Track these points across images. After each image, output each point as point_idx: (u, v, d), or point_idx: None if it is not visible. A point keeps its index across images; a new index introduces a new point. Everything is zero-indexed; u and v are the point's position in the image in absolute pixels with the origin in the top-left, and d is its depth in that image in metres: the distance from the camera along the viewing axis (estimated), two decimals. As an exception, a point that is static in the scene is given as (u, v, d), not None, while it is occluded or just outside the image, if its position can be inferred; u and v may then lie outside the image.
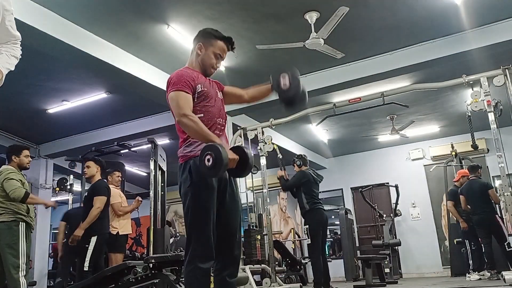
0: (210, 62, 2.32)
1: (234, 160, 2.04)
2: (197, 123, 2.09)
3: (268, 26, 5.15)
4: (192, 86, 2.19)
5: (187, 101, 2.16)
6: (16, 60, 1.82)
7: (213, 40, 2.32)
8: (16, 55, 1.82)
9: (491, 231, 6.10)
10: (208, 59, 2.31)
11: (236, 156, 2.05)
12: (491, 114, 4.60)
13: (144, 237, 10.78)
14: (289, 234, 10.64)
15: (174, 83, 2.19)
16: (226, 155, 1.96)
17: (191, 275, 2.04)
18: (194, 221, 2.09)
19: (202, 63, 2.32)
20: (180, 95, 2.15)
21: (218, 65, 2.35)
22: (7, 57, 1.78)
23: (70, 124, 7.74)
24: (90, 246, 4.51)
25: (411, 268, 9.49)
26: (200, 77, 2.28)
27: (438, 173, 9.17)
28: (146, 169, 9.20)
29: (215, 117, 2.25)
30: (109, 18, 4.82)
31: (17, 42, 1.84)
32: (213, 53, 2.31)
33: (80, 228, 4.55)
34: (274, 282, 5.49)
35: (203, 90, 2.22)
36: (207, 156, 1.98)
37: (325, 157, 10.88)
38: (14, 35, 1.81)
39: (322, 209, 5.40)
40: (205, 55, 2.31)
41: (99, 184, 4.86)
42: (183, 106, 2.13)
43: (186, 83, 2.18)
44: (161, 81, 5.95)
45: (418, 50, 5.80)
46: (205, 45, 2.32)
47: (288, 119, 6.04)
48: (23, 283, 3.70)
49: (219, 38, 2.32)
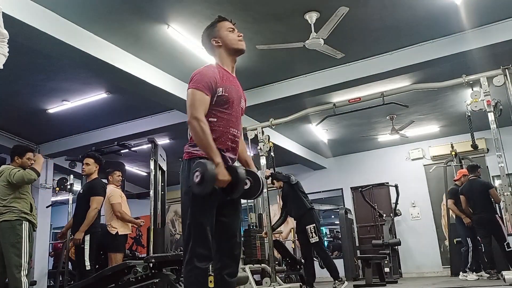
0: (231, 38, 2.27)
1: (224, 182, 2.02)
2: (205, 132, 2.04)
3: (268, 26, 5.16)
4: (213, 88, 2.13)
5: (203, 103, 2.10)
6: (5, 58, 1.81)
7: (213, 28, 2.31)
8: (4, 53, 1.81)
9: (491, 230, 6.10)
10: (229, 38, 2.27)
11: (227, 178, 2.02)
12: (491, 114, 4.61)
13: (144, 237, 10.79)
14: (289, 234, 10.64)
15: (196, 80, 2.14)
16: (213, 176, 1.96)
17: (190, 274, 2.04)
18: (194, 220, 2.08)
19: (227, 47, 2.27)
20: (198, 95, 2.10)
21: (240, 36, 2.30)
22: None
23: (70, 124, 7.75)
24: (86, 246, 4.54)
25: (411, 268, 9.50)
26: (226, 79, 2.21)
27: (438, 173, 9.18)
28: (146, 169, 9.21)
29: (229, 125, 2.19)
30: (109, 18, 4.82)
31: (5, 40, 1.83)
32: (226, 31, 2.28)
33: (80, 231, 4.56)
34: (274, 282, 5.50)
35: (224, 95, 2.16)
36: (197, 172, 1.98)
37: (325, 157, 10.89)
38: (2, 33, 1.80)
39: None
40: (224, 39, 2.27)
41: (96, 183, 4.86)
42: (198, 108, 2.07)
43: (207, 84, 2.12)
44: (161, 81, 5.95)
45: (418, 50, 5.80)
46: (215, 34, 2.29)
47: (288, 119, 6.04)
48: (24, 282, 3.70)
49: (218, 21, 2.32)
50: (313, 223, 5.40)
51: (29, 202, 3.99)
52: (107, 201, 5.48)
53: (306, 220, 5.51)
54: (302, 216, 5.59)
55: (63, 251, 7.02)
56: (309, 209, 5.45)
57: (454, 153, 8.32)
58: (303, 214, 5.57)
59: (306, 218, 5.52)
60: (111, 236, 5.33)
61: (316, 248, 5.59)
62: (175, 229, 12.02)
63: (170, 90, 6.07)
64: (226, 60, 2.29)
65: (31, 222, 3.97)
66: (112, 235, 5.32)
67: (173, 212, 12.06)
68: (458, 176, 6.79)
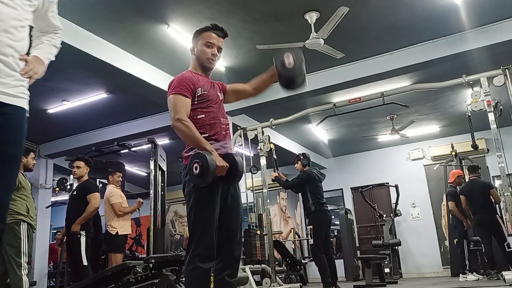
0: (204, 54, 2.31)
1: (223, 168, 2.04)
2: (190, 129, 2.11)
3: (268, 26, 5.15)
4: (192, 90, 2.21)
5: (184, 105, 2.17)
6: (56, 50, 1.84)
7: (199, 35, 2.35)
8: (56, 45, 1.84)
9: (491, 231, 6.10)
10: (201, 53, 2.32)
11: (226, 164, 2.05)
12: (491, 114, 4.60)
13: (144, 237, 10.79)
14: (289, 234, 10.64)
15: (174, 86, 2.21)
16: (213, 163, 1.97)
17: (192, 274, 2.05)
18: (197, 221, 2.09)
19: (199, 60, 2.34)
20: (178, 98, 2.17)
21: (213, 54, 2.31)
22: (48, 47, 1.80)
23: (70, 124, 7.74)
24: (82, 239, 4.57)
25: (411, 268, 9.49)
26: (202, 80, 2.29)
27: (438, 173, 9.18)
28: (146, 169, 9.20)
29: (218, 116, 2.26)
30: (109, 18, 4.82)
31: (58, 32, 1.85)
32: (203, 45, 2.31)
33: (76, 224, 4.57)
34: (274, 282, 5.49)
35: (204, 94, 2.24)
36: (195, 164, 2.01)
37: (325, 157, 10.89)
38: (55, 26, 1.83)
39: (326, 210, 5.45)
40: (198, 52, 2.33)
41: (88, 183, 4.88)
42: (179, 110, 2.15)
43: (185, 87, 2.19)
44: (161, 81, 5.95)
45: (418, 50, 5.80)
46: (195, 44, 2.35)
47: (288, 119, 6.04)
48: (25, 281, 3.71)
49: (203, 30, 2.35)
50: (311, 225, 5.38)
51: (25, 204, 3.98)
52: (107, 202, 5.48)
53: (308, 221, 5.53)
54: (307, 217, 5.63)
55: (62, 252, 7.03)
56: (313, 211, 5.39)
57: (454, 153, 8.32)
58: (307, 215, 5.60)
59: (309, 218, 5.53)
60: (111, 237, 5.33)
61: (311, 250, 5.61)
62: (175, 229, 12.02)
63: (170, 90, 6.07)
64: (198, 70, 2.35)
65: (29, 224, 3.97)
66: (112, 235, 5.32)
67: (173, 212, 12.06)
68: (453, 177, 6.74)
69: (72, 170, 5.01)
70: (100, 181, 6.57)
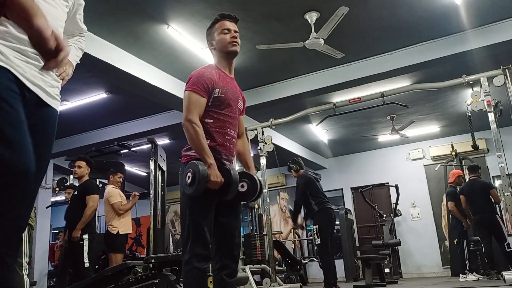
0: (224, 40, 2.27)
1: (216, 183, 2.03)
2: (198, 134, 2.07)
3: (268, 26, 5.15)
4: (209, 89, 2.16)
5: (198, 105, 2.13)
6: (82, 52, 1.84)
7: (212, 28, 2.35)
8: (82, 48, 1.84)
9: (491, 231, 6.10)
10: (221, 41, 2.28)
11: (220, 179, 2.04)
12: (491, 114, 4.60)
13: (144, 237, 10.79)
14: (289, 234, 10.64)
15: (193, 82, 2.17)
16: (204, 177, 1.98)
17: (189, 275, 2.05)
18: (192, 221, 2.09)
19: (221, 50, 2.29)
20: (193, 97, 2.14)
21: (233, 38, 2.27)
22: (75, 49, 1.80)
23: (70, 124, 7.73)
24: (85, 243, 4.56)
25: (411, 268, 9.49)
26: (224, 79, 2.24)
27: (438, 173, 9.18)
28: (146, 169, 9.21)
29: (226, 126, 2.20)
30: (109, 18, 4.82)
31: (83, 35, 1.86)
32: (220, 34, 2.29)
33: (76, 230, 4.56)
34: (274, 282, 5.49)
35: (220, 96, 2.18)
36: (188, 173, 2.01)
37: (325, 157, 10.88)
38: (82, 28, 1.84)
39: (330, 208, 5.39)
40: (217, 42, 2.30)
41: (89, 183, 4.87)
42: (192, 110, 2.11)
43: (203, 85, 2.15)
44: (161, 81, 5.95)
45: (418, 50, 5.80)
46: (211, 37, 2.33)
47: (288, 119, 6.04)
48: (26, 281, 3.71)
49: (214, 23, 2.34)
50: (317, 224, 5.36)
51: None
52: (107, 202, 5.48)
53: (313, 221, 5.50)
54: (311, 217, 5.62)
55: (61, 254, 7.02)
56: (317, 211, 5.37)
57: (455, 153, 8.32)
58: (311, 216, 5.57)
59: (313, 219, 5.50)
60: (112, 236, 5.33)
61: (318, 250, 5.70)
62: (175, 229, 12.02)
63: (170, 90, 6.07)
64: (222, 62, 2.31)
65: (29, 224, 3.96)
66: (113, 235, 5.32)
67: (173, 212, 12.05)
68: (453, 177, 6.74)
69: (73, 170, 5.01)
70: (100, 181, 6.57)
